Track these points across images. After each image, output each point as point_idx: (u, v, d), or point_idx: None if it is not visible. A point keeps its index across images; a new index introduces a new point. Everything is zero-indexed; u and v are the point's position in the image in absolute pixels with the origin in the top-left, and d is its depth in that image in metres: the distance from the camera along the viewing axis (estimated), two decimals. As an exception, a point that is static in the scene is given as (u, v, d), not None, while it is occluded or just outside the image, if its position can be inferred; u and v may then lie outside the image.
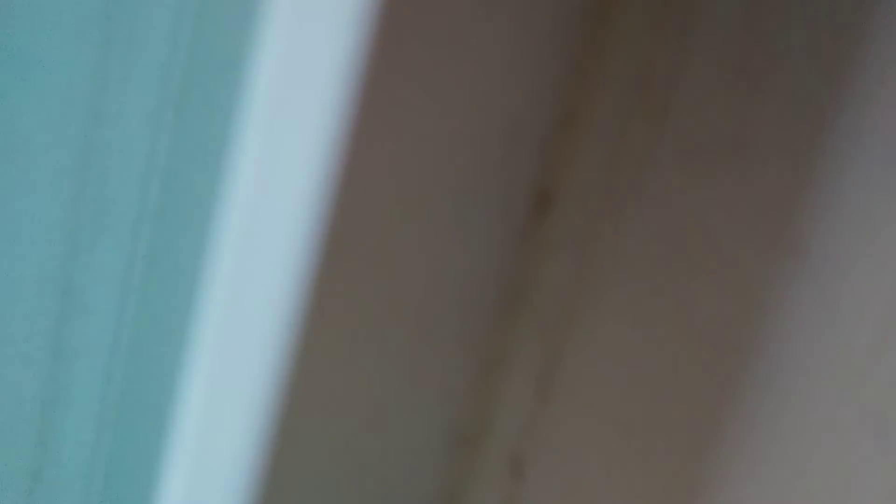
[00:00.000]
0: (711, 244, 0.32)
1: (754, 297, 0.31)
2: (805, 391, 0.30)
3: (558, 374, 0.34)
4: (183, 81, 0.36)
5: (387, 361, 0.32)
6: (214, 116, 0.36)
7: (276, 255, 0.29)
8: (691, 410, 0.32)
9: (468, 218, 0.32)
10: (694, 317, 0.32)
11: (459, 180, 0.31)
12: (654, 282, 0.32)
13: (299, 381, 0.30)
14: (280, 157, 0.29)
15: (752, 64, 0.30)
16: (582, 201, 0.33)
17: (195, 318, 0.35)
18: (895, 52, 0.28)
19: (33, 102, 0.38)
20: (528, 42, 0.32)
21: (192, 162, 0.37)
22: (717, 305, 0.32)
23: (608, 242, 0.33)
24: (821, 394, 0.30)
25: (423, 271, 0.32)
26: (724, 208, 0.31)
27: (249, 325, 0.30)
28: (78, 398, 0.42)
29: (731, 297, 0.31)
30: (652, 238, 0.32)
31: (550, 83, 0.33)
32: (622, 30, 0.32)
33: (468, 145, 0.32)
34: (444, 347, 0.33)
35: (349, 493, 0.33)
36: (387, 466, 0.33)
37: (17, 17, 0.36)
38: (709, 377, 0.32)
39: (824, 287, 0.30)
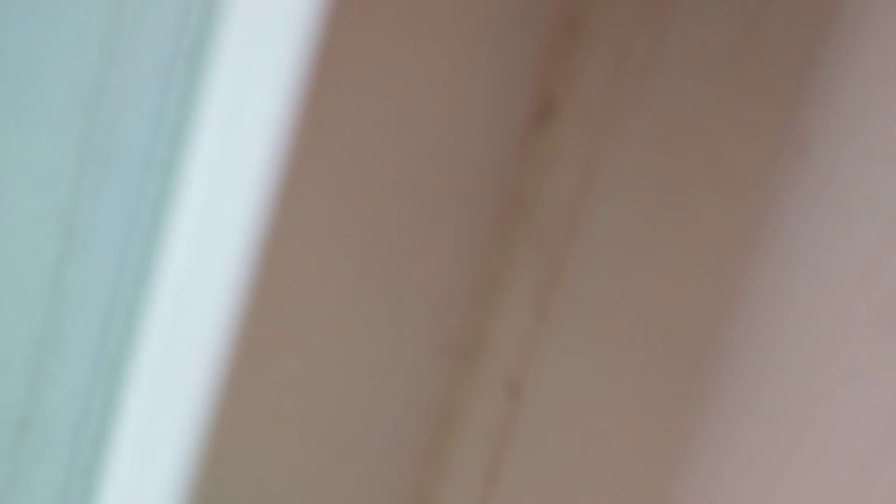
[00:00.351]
0: (716, 152, 0.31)
1: (761, 200, 0.30)
2: (815, 290, 0.30)
3: (558, 290, 0.33)
4: (195, 35, 0.35)
5: (383, 270, 0.32)
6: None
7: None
8: (696, 323, 0.32)
9: (468, 124, 0.31)
10: (699, 226, 0.31)
11: (459, 86, 0.31)
12: (658, 194, 0.32)
13: (279, 289, 0.29)
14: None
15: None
16: (585, 112, 0.32)
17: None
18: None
19: (47, 38, 0.37)
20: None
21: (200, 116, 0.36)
22: (723, 213, 0.31)
23: (611, 154, 0.32)
24: (831, 292, 0.30)
25: (419, 178, 0.31)
26: (727, 115, 0.31)
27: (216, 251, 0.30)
28: (73, 345, 0.41)
29: (737, 203, 0.31)
30: (655, 150, 0.32)
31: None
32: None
33: (470, 50, 0.31)
34: (441, 258, 0.32)
35: (345, 406, 0.32)
36: (384, 381, 0.32)
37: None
38: (714, 285, 0.31)
39: (831, 185, 0.30)
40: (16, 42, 0.38)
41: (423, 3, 0.29)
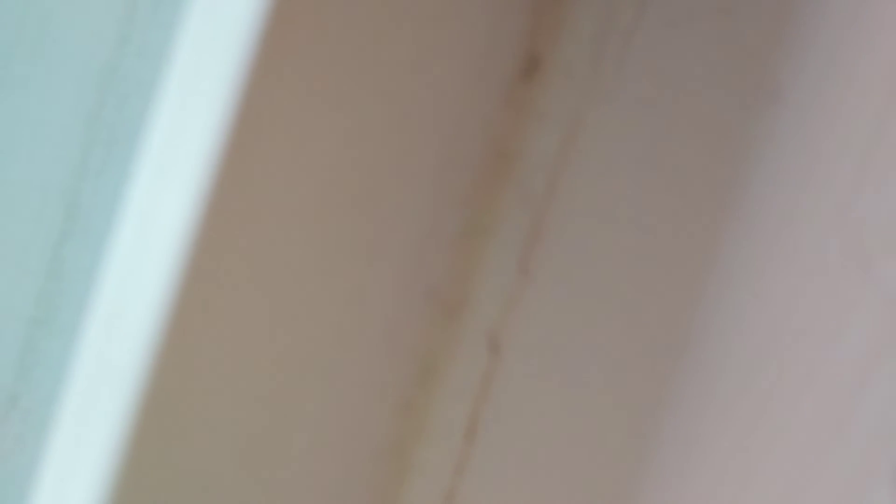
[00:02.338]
0: (694, 106, 0.32)
1: (738, 147, 0.31)
2: (790, 232, 0.30)
3: (540, 246, 0.34)
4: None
5: (364, 218, 0.32)
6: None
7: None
8: (678, 276, 0.32)
9: (455, 79, 0.33)
10: (679, 179, 0.32)
11: (446, 43, 0.32)
12: (640, 149, 0.33)
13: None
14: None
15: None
16: (569, 70, 0.33)
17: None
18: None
19: (65, 20, 0.39)
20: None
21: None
22: (702, 164, 0.32)
23: (594, 111, 0.33)
24: (805, 234, 0.30)
25: (405, 128, 0.32)
26: (705, 70, 0.32)
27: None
28: (67, 323, 0.41)
29: (716, 153, 0.32)
30: (637, 106, 0.33)
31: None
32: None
33: (457, 9, 0.32)
34: (424, 209, 0.33)
35: (322, 353, 0.33)
36: (364, 329, 0.33)
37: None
38: (695, 234, 0.32)
39: (804, 129, 0.30)
40: (35, 21, 0.40)
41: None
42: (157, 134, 0.31)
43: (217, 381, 0.32)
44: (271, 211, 0.32)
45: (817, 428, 0.30)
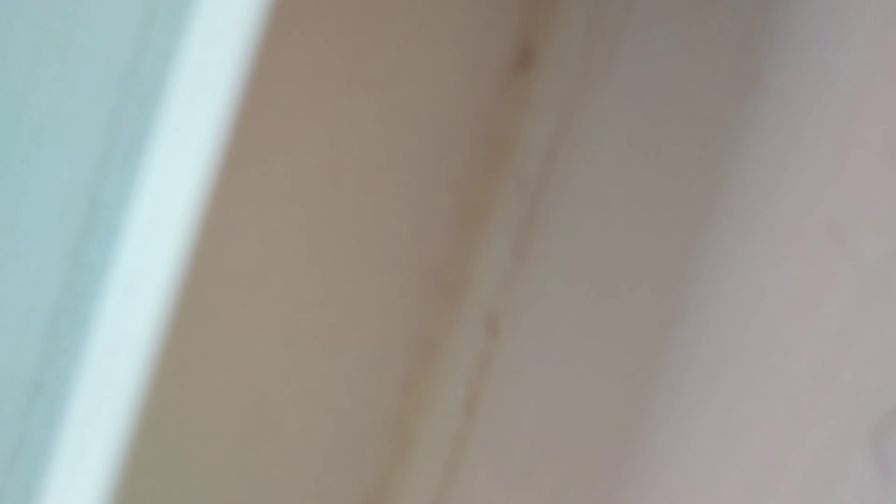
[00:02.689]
0: (680, 94, 0.34)
1: (723, 132, 0.32)
2: (771, 210, 0.32)
3: (536, 231, 0.35)
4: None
5: (366, 203, 0.34)
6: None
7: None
8: (669, 256, 0.33)
9: (451, 70, 0.34)
10: (668, 164, 0.33)
11: (443, 35, 0.33)
12: (630, 136, 0.34)
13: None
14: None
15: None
16: (562, 61, 0.35)
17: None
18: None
19: (89, 22, 0.41)
20: None
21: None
22: (689, 149, 0.33)
23: (586, 101, 0.35)
24: (786, 210, 0.31)
25: (402, 117, 0.34)
26: (691, 60, 0.33)
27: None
28: (89, 312, 0.43)
29: (701, 139, 0.33)
30: (627, 96, 0.34)
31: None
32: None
33: (452, 3, 0.34)
34: (421, 194, 0.34)
35: (322, 330, 0.34)
36: (363, 308, 0.34)
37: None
38: (682, 215, 0.33)
39: (783, 114, 0.32)
40: (60, 26, 0.42)
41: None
42: (166, 127, 0.33)
43: (223, 361, 0.33)
44: (276, 196, 0.33)
45: (798, 395, 0.31)
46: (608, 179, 0.35)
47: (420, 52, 0.34)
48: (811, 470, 0.31)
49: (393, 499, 0.35)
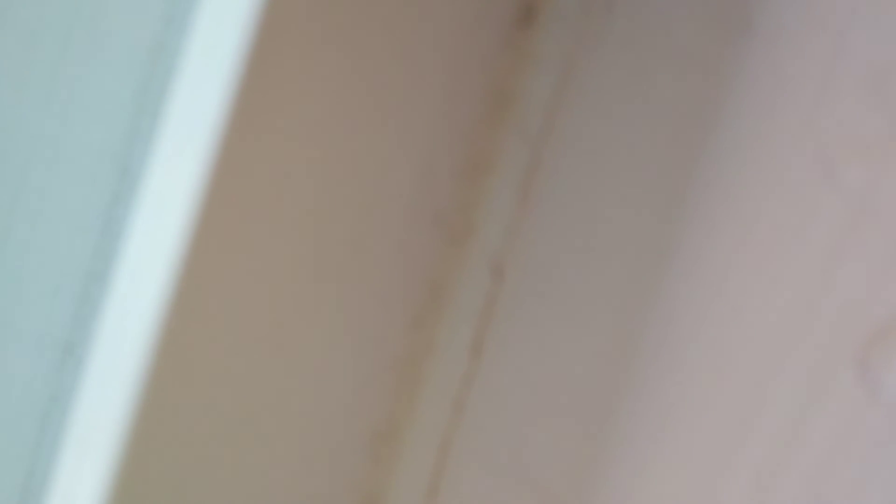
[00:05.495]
0: (676, 42, 0.35)
1: (716, 75, 0.34)
2: (761, 145, 0.33)
3: (539, 178, 0.36)
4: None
5: (376, 153, 0.35)
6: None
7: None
8: (669, 192, 0.34)
9: (455, 25, 0.36)
10: (665, 109, 0.35)
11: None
12: (628, 87, 0.35)
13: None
14: None
15: None
16: (562, 17, 0.36)
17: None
18: None
19: (116, 3, 0.43)
20: None
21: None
22: (684, 94, 0.34)
23: (586, 54, 0.36)
24: (773, 143, 0.32)
25: (408, 70, 0.35)
26: (685, 9, 0.35)
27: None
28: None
29: (696, 83, 0.34)
30: (625, 48, 0.36)
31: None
32: None
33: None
34: (427, 141, 0.36)
35: (341, 277, 0.35)
36: (377, 253, 0.35)
37: None
38: (678, 156, 0.34)
39: (771, 55, 0.33)
40: (90, 4, 0.44)
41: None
42: (174, 106, 0.35)
43: (236, 307, 0.35)
44: (286, 149, 0.35)
45: (786, 318, 0.32)
46: (607, 128, 0.36)
47: (425, 9, 0.35)
48: (798, 390, 0.31)
49: (403, 434, 0.36)
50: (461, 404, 0.36)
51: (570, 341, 0.36)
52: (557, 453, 0.35)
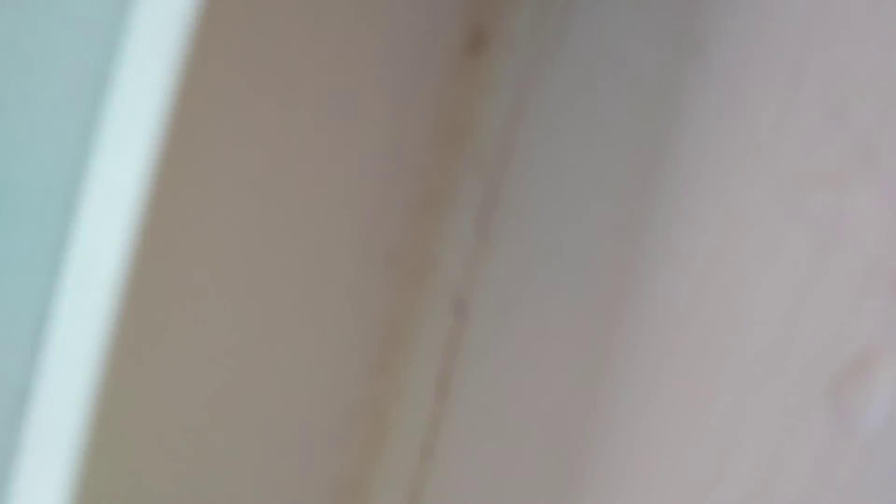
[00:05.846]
0: (631, 67, 0.34)
1: (671, 101, 0.33)
2: (722, 174, 0.32)
3: (498, 212, 0.35)
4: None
5: (323, 190, 0.34)
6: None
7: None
8: (622, 225, 0.34)
9: (403, 55, 0.35)
10: (621, 135, 0.34)
11: (388, 15, 0.34)
12: (583, 115, 0.34)
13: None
14: None
15: None
16: (513, 44, 0.35)
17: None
18: None
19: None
20: None
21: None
22: (639, 119, 0.34)
23: (541, 80, 0.35)
24: (733, 173, 0.32)
25: (357, 103, 0.34)
26: (639, 37, 0.34)
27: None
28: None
29: (651, 109, 0.33)
30: (578, 75, 0.35)
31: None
32: None
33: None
34: (380, 178, 0.35)
35: (292, 324, 0.35)
36: (330, 295, 0.35)
37: None
38: (635, 185, 0.33)
39: (729, 81, 0.32)
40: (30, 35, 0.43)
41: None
42: (109, 124, 0.33)
43: (186, 353, 0.34)
44: (232, 186, 0.34)
45: (756, 354, 0.31)
46: (563, 155, 0.35)
47: (369, 37, 0.34)
48: (771, 425, 0.31)
49: (370, 484, 0.35)
50: (430, 448, 0.36)
51: (539, 375, 0.36)
52: (531, 494, 0.34)
